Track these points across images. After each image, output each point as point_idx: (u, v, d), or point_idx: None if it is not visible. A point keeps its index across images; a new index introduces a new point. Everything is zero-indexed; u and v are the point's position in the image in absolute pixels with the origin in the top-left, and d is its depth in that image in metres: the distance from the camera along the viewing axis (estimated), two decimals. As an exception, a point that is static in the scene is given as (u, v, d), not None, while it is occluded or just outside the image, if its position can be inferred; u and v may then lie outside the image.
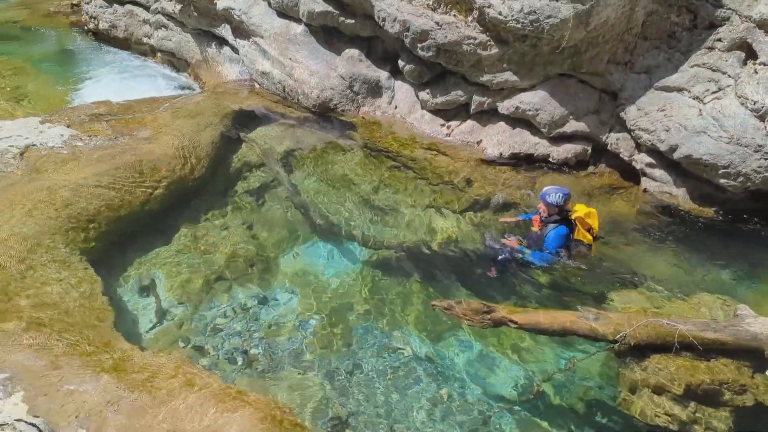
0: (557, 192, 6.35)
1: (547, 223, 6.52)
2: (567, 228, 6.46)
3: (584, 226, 6.52)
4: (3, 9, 13.31)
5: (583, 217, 6.48)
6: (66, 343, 4.72)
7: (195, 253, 6.88)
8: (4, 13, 13.19)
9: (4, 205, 6.16)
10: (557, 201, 6.33)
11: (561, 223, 6.45)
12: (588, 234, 6.56)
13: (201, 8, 10.38)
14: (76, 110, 8.73)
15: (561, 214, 6.45)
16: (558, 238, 6.42)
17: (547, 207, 6.44)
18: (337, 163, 8.49)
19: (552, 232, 6.43)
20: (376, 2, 8.28)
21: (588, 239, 6.57)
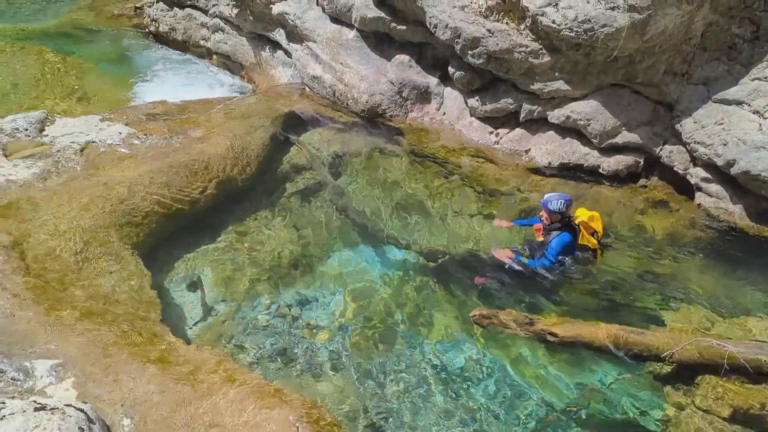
0: (558, 198, 6.19)
1: (550, 230, 6.35)
2: (570, 235, 6.28)
3: (588, 230, 6.36)
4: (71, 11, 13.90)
5: (587, 222, 6.31)
6: (115, 334, 4.88)
7: (241, 252, 7.02)
8: (71, 15, 13.78)
9: (63, 199, 6.42)
10: (559, 208, 6.16)
11: (564, 230, 6.27)
12: (592, 238, 6.39)
13: (257, 12, 10.62)
14: (134, 109, 9.04)
15: (563, 221, 6.29)
16: (560, 246, 6.25)
17: (549, 214, 6.27)
18: (383, 168, 8.53)
19: (555, 240, 6.26)
20: (429, 9, 8.30)
21: (593, 243, 6.41)
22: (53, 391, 4.16)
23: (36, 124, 7.74)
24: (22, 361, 4.37)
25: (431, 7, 8.28)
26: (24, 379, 4.24)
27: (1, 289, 4.99)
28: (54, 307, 5.02)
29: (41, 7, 14.29)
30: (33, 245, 5.72)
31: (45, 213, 6.16)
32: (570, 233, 6.29)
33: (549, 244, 6.30)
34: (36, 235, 5.85)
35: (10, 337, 4.58)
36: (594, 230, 6.40)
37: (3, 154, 7.01)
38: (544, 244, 6.39)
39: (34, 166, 6.85)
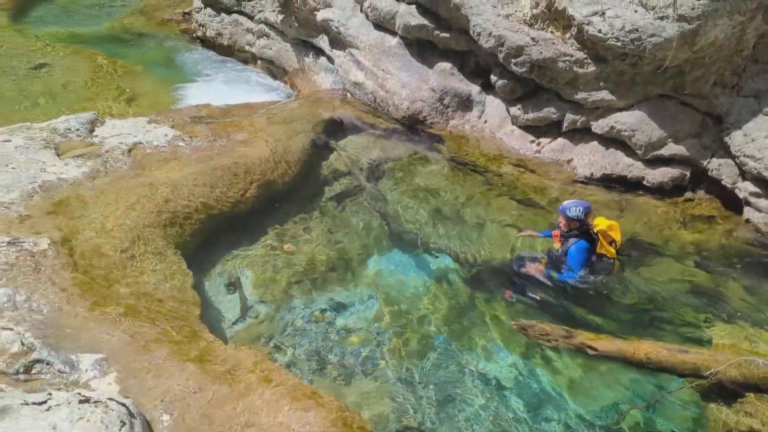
0: (577, 205, 6.16)
1: (568, 237, 6.29)
2: (588, 242, 6.22)
3: (606, 239, 6.26)
4: (122, 17, 14.33)
5: (605, 230, 6.22)
6: (157, 331, 4.99)
7: (280, 254, 7.11)
8: (122, 20, 14.20)
9: (110, 198, 6.61)
10: (577, 215, 6.12)
11: (582, 238, 6.21)
12: (611, 247, 6.30)
13: (301, 19, 10.77)
14: (180, 112, 9.25)
15: (581, 228, 6.23)
16: (579, 252, 6.20)
17: (568, 221, 6.22)
18: (422, 175, 8.53)
19: (573, 247, 6.21)
20: (473, 17, 8.29)
21: (611, 253, 6.30)
22: (97, 385, 4.27)
23: (87, 124, 8.00)
24: (69, 354, 4.50)
25: (475, 15, 8.26)
26: (69, 372, 4.37)
27: (51, 284, 5.16)
28: (99, 303, 5.16)
29: (94, 12, 14.76)
30: (81, 242, 5.90)
31: (93, 211, 6.35)
32: (588, 241, 6.24)
33: (568, 251, 6.25)
34: (84, 232, 6.03)
35: (58, 331, 4.72)
36: (612, 239, 6.31)
37: (55, 154, 7.26)
38: (562, 251, 6.35)
39: (84, 166, 7.06)
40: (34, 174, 6.72)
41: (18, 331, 4.59)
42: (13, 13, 13.82)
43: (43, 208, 6.28)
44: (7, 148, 7.13)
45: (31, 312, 4.85)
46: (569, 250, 6.24)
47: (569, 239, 6.28)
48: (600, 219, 6.39)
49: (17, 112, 9.57)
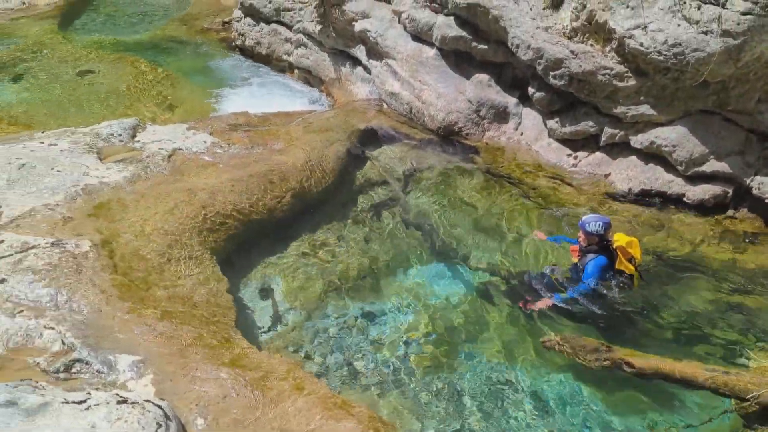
0: (597, 221, 6.04)
1: (587, 252, 6.18)
2: (607, 258, 6.09)
3: (625, 255, 6.09)
4: (164, 25, 14.65)
5: (625, 247, 6.05)
6: (192, 335, 5.06)
7: (313, 262, 7.15)
8: (164, 28, 14.52)
9: (150, 202, 6.73)
10: (597, 230, 6.01)
11: (601, 253, 6.09)
12: (629, 264, 6.12)
13: (339, 29, 10.87)
14: (218, 119, 9.39)
15: (601, 244, 6.11)
16: (597, 269, 6.07)
17: (587, 236, 6.11)
18: (457, 186, 8.51)
19: (591, 262, 6.09)
20: (511, 29, 8.27)
21: (630, 269, 6.14)
22: (134, 386, 4.34)
23: (129, 130, 8.17)
24: (107, 354, 4.59)
25: (514, 27, 8.24)
26: (107, 372, 4.45)
27: (92, 285, 5.27)
28: (137, 305, 5.25)
29: (137, 20, 15.13)
30: (121, 245, 6.02)
31: (133, 215, 6.48)
32: (606, 257, 6.13)
33: (585, 267, 6.14)
34: (124, 235, 6.15)
35: (97, 331, 4.82)
36: (632, 256, 6.17)
37: (98, 158, 7.43)
38: (579, 266, 6.26)
39: (126, 170, 7.21)
40: (78, 177, 6.89)
41: (59, 330, 4.69)
42: (60, 21, 14.25)
43: (85, 210, 6.43)
44: (53, 151, 7.33)
45: (72, 312, 4.96)
46: (586, 266, 6.14)
47: (588, 255, 6.18)
48: (619, 235, 6.27)
49: (63, 116, 9.84)
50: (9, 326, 4.66)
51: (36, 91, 10.77)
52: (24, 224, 6.04)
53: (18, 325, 4.68)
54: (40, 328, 4.67)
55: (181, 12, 15.53)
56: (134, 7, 15.84)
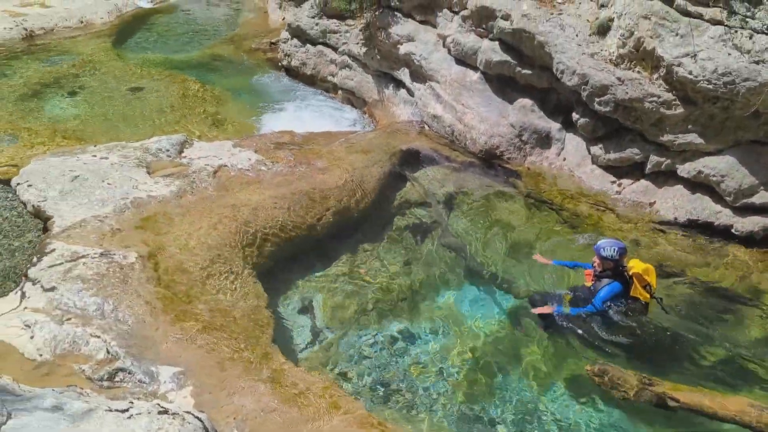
0: (612, 245, 5.98)
1: (601, 278, 6.11)
2: (621, 285, 6.02)
3: (641, 282, 6.00)
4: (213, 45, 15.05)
5: (641, 273, 5.97)
6: (231, 349, 5.13)
7: (351, 281, 7.18)
8: (213, 47, 14.90)
9: (195, 217, 6.89)
10: (612, 255, 5.95)
11: (615, 279, 6.02)
12: (645, 292, 6.04)
13: (384, 52, 11.01)
14: (263, 138, 9.57)
15: (615, 270, 6.04)
16: (609, 294, 6.01)
17: (602, 261, 6.04)
18: (497, 210, 8.46)
19: (605, 288, 6.03)
20: (556, 55, 8.25)
21: (645, 297, 6.06)
22: (174, 397, 4.42)
23: (177, 146, 8.40)
24: (149, 365, 4.68)
25: (559, 53, 8.22)
26: (149, 382, 4.54)
27: (137, 296, 5.40)
28: (179, 318, 5.36)
29: (188, 40, 15.56)
30: (165, 257, 6.16)
31: (178, 228, 6.63)
32: (621, 283, 6.03)
33: (598, 291, 6.08)
34: (169, 248, 6.30)
35: (140, 342, 4.93)
36: (648, 283, 6.07)
37: (147, 172, 7.65)
38: (592, 291, 6.16)
39: (173, 185, 7.40)
40: (127, 190, 7.10)
41: (104, 339, 4.82)
42: (114, 39, 14.75)
43: (132, 223, 6.62)
44: (104, 164, 7.57)
45: (117, 322, 5.09)
46: (599, 290, 6.08)
47: (602, 280, 6.11)
48: (635, 261, 6.18)
49: (114, 130, 10.15)
50: (57, 333, 4.81)
51: (89, 106, 11.14)
52: (74, 234, 6.24)
53: (66, 332, 4.82)
54: (87, 336, 4.81)
55: (230, 32, 15.92)
56: (185, 27, 16.32)
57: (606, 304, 6.05)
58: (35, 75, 12.12)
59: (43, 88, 11.60)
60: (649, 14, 7.48)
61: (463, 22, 9.75)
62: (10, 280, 6.36)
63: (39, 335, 4.78)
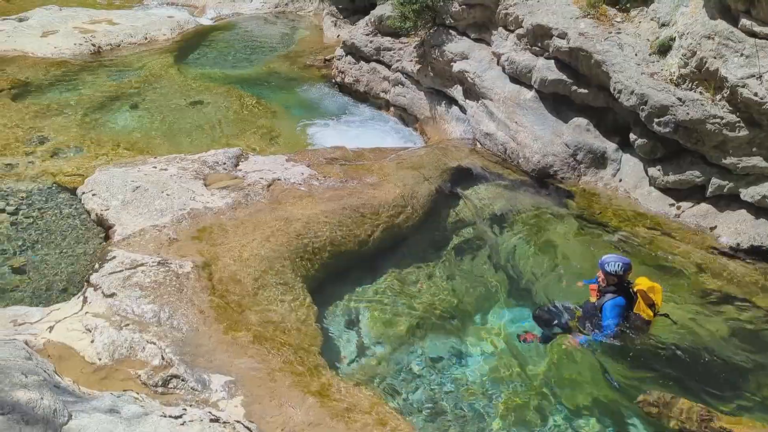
0: (617, 261, 5.96)
1: (605, 293, 6.06)
2: (624, 299, 5.98)
3: (646, 300, 5.96)
4: (269, 61, 15.41)
5: (646, 291, 5.94)
6: (281, 360, 5.18)
7: (399, 297, 7.17)
8: (269, 64, 15.25)
9: (249, 229, 7.03)
10: (615, 270, 5.92)
11: (619, 294, 5.98)
12: (649, 310, 5.98)
13: (437, 69, 11.05)
14: (316, 153, 9.72)
15: (619, 285, 6.01)
16: (614, 309, 5.97)
17: (606, 276, 6.01)
18: (549, 231, 8.32)
19: (609, 303, 5.99)
20: (614, 74, 8.11)
21: (648, 315, 6.00)
22: (225, 406, 4.48)
23: (233, 159, 8.61)
24: (202, 373, 4.78)
25: (617, 72, 8.08)
26: (201, 390, 4.63)
27: (191, 305, 5.53)
28: (231, 328, 5.46)
29: (245, 56, 15.98)
30: (219, 268, 6.30)
31: (232, 240, 6.78)
32: (625, 297, 5.99)
33: (603, 306, 6.03)
34: (223, 259, 6.44)
35: (194, 349, 5.03)
36: (653, 302, 5.98)
37: (204, 184, 7.86)
38: (597, 306, 6.11)
39: (228, 197, 7.58)
40: (185, 201, 7.30)
41: (160, 346, 4.95)
42: (176, 55, 15.28)
43: (189, 233, 6.80)
44: (164, 176, 7.82)
45: (173, 329, 5.22)
46: (604, 306, 6.03)
47: (606, 294, 6.06)
48: (642, 279, 6.11)
49: (174, 143, 10.49)
50: (116, 338, 4.97)
51: (151, 119, 11.54)
52: (134, 243, 6.46)
53: (124, 337, 4.97)
54: (143, 342, 4.95)
55: (287, 49, 16.28)
56: (243, 44, 16.77)
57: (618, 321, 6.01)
58: (102, 88, 12.65)
59: (109, 101, 12.09)
60: (712, 34, 7.29)
61: (518, 40, 9.72)
62: (73, 284, 6.63)
63: (99, 340, 4.95)
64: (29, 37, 14.83)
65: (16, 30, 15.24)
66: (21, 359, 3.70)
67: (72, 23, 15.89)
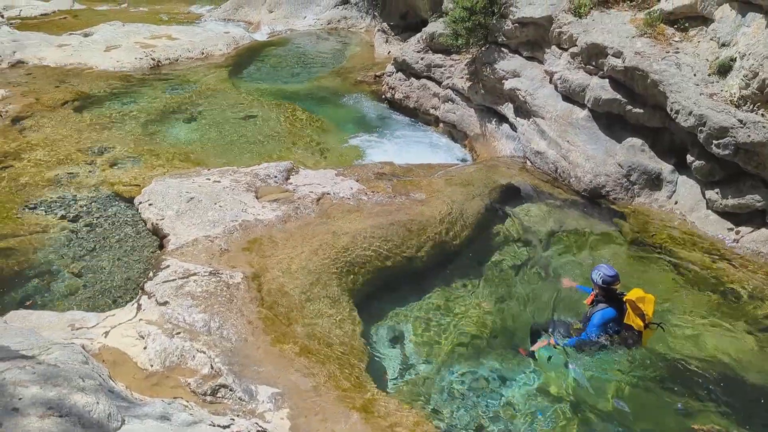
0: (598, 270, 6.04)
1: (598, 302, 6.11)
2: (615, 311, 5.99)
3: (635, 310, 5.90)
4: (321, 77, 15.68)
5: (635, 301, 5.88)
6: (327, 374, 5.20)
7: (446, 315, 7.11)
8: (321, 80, 15.52)
9: (297, 241, 7.11)
10: (596, 280, 6.02)
11: (610, 305, 6.00)
12: (639, 320, 5.91)
13: (488, 86, 11.03)
14: (365, 168, 9.79)
15: (608, 296, 6.03)
16: (601, 320, 6.00)
17: (594, 286, 6.10)
18: (600, 252, 8.14)
19: (598, 313, 6.04)
20: (671, 94, 7.93)
21: (638, 325, 5.93)
22: (271, 417, 4.52)
23: (284, 172, 8.75)
24: (249, 383, 4.83)
25: (675, 92, 7.89)
26: (248, 401, 4.68)
27: (240, 315, 5.62)
28: (279, 340, 5.52)
29: (298, 71, 16.31)
30: (268, 279, 6.39)
31: (281, 252, 6.87)
32: (615, 309, 6.00)
33: (592, 316, 6.08)
34: (272, 270, 6.53)
35: (242, 360, 5.10)
36: (642, 312, 5.90)
37: (255, 196, 8.01)
38: (587, 316, 6.18)
39: (278, 209, 7.70)
40: (237, 213, 7.45)
41: (209, 355, 5.03)
42: (231, 70, 15.73)
43: (240, 244, 6.93)
44: (217, 188, 8.01)
45: (222, 339, 5.31)
46: (593, 315, 6.07)
47: (598, 304, 6.09)
48: (636, 290, 6.03)
49: (227, 155, 10.74)
50: (167, 345, 5.08)
51: (205, 132, 11.86)
52: (187, 252, 6.62)
53: (175, 345, 5.08)
54: (194, 351, 5.04)
55: (338, 65, 16.53)
56: (296, 60, 17.13)
57: (600, 331, 6.03)
58: (159, 101, 13.09)
59: (166, 114, 12.50)
60: (776, 54, 7.07)
61: (571, 59, 9.62)
62: (128, 291, 6.83)
63: (151, 347, 5.08)
64: (93, 52, 15.50)
65: (82, 45, 15.95)
66: (78, 363, 3.82)
67: (134, 38, 16.54)
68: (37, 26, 19.12)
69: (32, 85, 13.26)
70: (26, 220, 8.22)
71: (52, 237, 7.86)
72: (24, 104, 12.08)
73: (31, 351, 3.77)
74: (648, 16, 8.83)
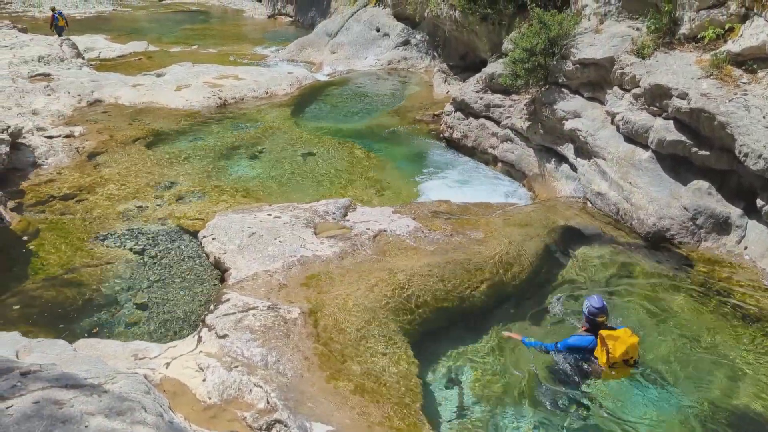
0: (588, 300, 6.14)
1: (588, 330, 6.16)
2: (592, 342, 6.04)
3: (602, 344, 5.91)
4: (380, 116, 15.97)
5: (605, 337, 5.87)
6: (381, 414, 5.18)
7: (503, 358, 6.97)
8: (379, 118, 15.82)
9: (353, 278, 7.17)
10: (584, 309, 6.17)
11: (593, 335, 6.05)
12: (603, 355, 5.91)
13: (548, 126, 10.97)
14: (421, 206, 9.84)
15: (592, 326, 6.09)
16: (575, 341, 6.14)
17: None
18: (663, 299, 7.84)
19: (576, 336, 6.21)
20: (740, 136, 7.69)
21: (602, 360, 5.95)
22: (324, 456, 4.51)
23: (342, 209, 8.89)
24: (303, 420, 4.85)
25: (743, 135, 7.66)
26: (302, 438, 4.69)
27: (297, 351, 5.68)
28: (334, 377, 5.53)
29: (357, 110, 16.68)
30: (325, 315, 6.45)
31: (338, 288, 6.93)
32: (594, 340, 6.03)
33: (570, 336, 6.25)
34: (328, 306, 6.59)
35: (297, 396, 5.14)
36: (608, 348, 5.86)
37: (313, 232, 8.15)
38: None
39: (336, 246, 7.80)
40: (296, 249, 7.60)
41: (266, 389, 5.09)
42: (293, 109, 16.24)
43: (298, 279, 7.04)
44: (277, 223, 8.20)
45: (278, 374, 5.37)
46: (572, 336, 6.25)
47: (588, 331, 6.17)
48: (623, 330, 6.03)
49: (287, 192, 11.02)
50: (225, 378, 5.17)
51: (267, 168, 12.23)
52: (247, 286, 6.77)
53: (233, 378, 5.17)
54: (251, 385, 5.11)
55: (397, 104, 16.82)
56: (356, 99, 17.54)
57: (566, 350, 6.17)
58: (225, 138, 13.61)
59: (230, 151, 12.97)
60: None
61: (634, 100, 9.50)
62: (189, 323, 7.03)
63: (210, 379, 5.18)
64: (165, 91, 16.31)
65: (155, 84, 16.81)
66: (141, 393, 3.93)
67: (203, 78, 17.33)
68: (114, 67, 20.35)
69: (107, 123, 14.03)
70: (96, 251, 8.61)
71: (119, 268, 8.19)
72: (99, 140, 12.78)
73: (98, 379, 3.91)
74: (714, 57, 8.65)
